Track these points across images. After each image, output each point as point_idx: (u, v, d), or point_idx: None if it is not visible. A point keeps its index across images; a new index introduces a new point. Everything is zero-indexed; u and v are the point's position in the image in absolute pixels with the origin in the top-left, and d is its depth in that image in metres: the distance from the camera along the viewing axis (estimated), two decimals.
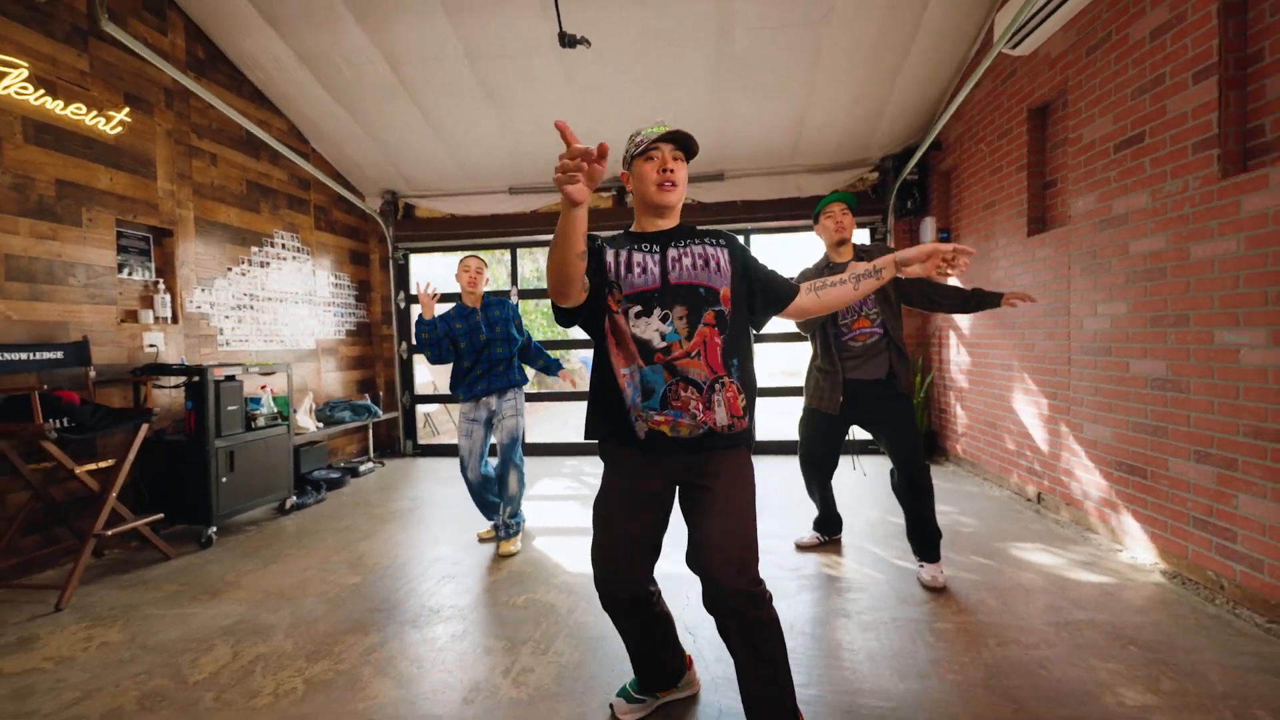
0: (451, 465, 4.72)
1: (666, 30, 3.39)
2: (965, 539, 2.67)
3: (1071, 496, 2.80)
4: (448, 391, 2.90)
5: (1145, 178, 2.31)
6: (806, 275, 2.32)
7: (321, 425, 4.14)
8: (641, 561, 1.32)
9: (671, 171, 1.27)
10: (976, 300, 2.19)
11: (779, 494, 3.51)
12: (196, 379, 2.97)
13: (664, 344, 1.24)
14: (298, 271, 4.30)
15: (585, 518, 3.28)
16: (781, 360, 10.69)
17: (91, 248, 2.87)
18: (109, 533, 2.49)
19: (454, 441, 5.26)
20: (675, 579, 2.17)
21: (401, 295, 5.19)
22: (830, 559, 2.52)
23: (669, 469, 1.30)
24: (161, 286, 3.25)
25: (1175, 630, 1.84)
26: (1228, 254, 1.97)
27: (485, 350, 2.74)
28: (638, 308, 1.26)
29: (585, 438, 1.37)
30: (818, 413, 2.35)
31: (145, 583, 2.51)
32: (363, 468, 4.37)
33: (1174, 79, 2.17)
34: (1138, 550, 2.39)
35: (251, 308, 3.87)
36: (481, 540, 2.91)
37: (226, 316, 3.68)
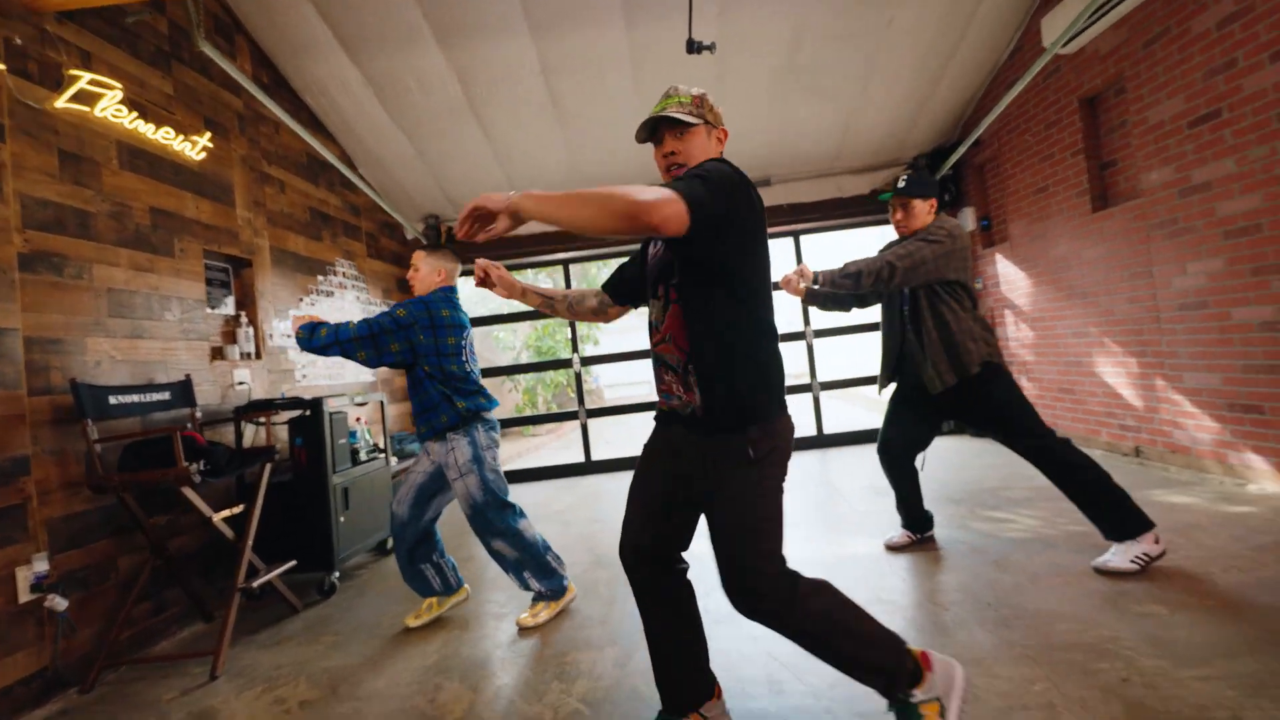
0: (522, 496, 4.56)
1: (740, 41, 3.58)
2: None
3: (1178, 444, 3.07)
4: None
5: (1227, 147, 2.65)
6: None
7: (397, 460, 3.92)
8: (647, 524, 1.31)
9: (675, 154, 1.26)
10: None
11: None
12: (308, 413, 2.78)
13: (653, 331, 1.30)
14: (357, 300, 4.12)
15: None
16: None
17: (184, 280, 2.67)
18: (255, 584, 2.26)
19: (513, 474, 5.07)
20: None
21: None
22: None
23: (676, 448, 1.28)
24: (244, 319, 3.04)
25: None
26: None
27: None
28: (656, 294, 1.30)
29: None
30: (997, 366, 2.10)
31: (290, 639, 2.29)
32: None
33: (1248, 60, 2.52)
34: (1265, 483, 2.64)
35: None
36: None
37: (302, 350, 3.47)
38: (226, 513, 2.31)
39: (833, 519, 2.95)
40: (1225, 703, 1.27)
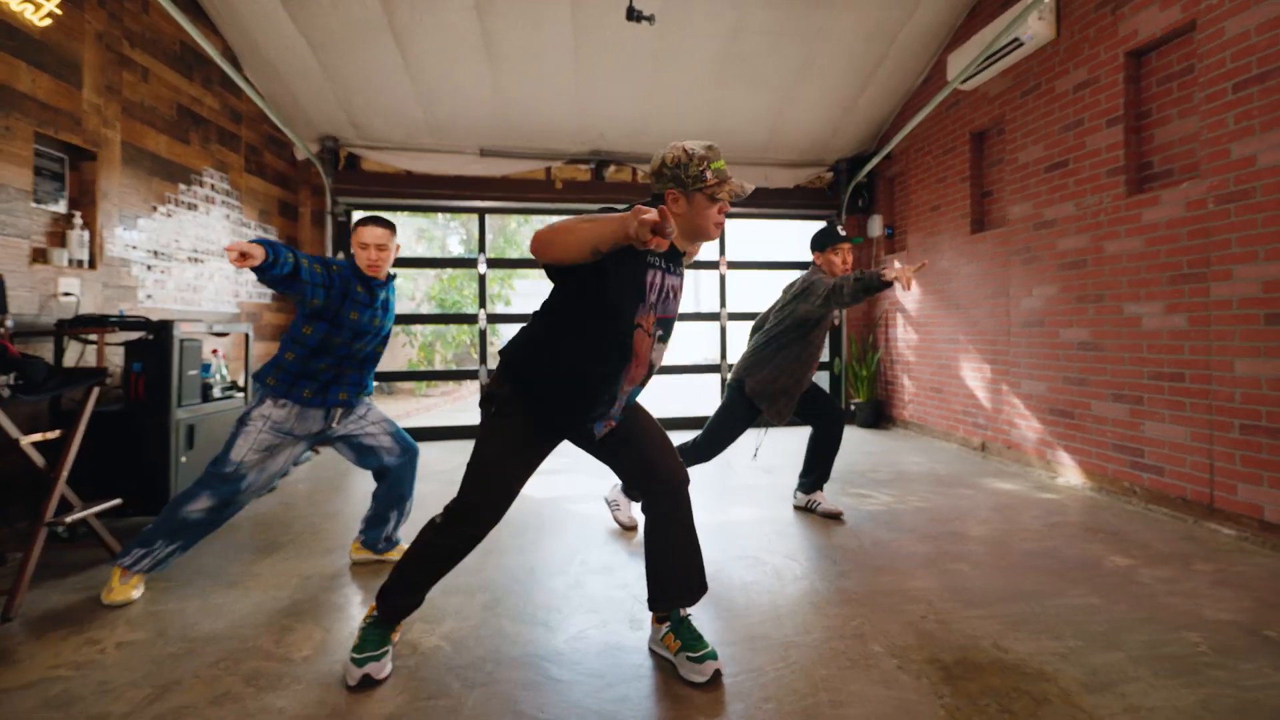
0: None
1: (683, 19, 3.66)
2: (943, 479, 3.32)
3: (1012, 441, 3.63)
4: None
5: (1070, 192, 3.15)
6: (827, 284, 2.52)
7: None
8: (507, 502, 1.49)
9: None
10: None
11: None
12: (151, 336, 2.51)
13: (630, 360, 1.39)
14: (227, 219, 3.73)
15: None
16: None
17: (7, 164, 2.29)
18: (67, 520, 2.02)
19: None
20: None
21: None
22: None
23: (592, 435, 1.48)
24: (78, 221, 2.66)
25: (1119, 523, 2.57)
26: (1133, 250, 2.80)
27: (364, 345, 2.00)
28: (660, 332, 1.42)
29: (525, 411, 1.41)
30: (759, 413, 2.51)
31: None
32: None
33: (1091, 122, 3.01)
34: (1070, 476, 3.21)
35: (174, 257, 3.29)
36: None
37: (149, 266, 3.10)
38: (38, 437, 2.03)
39: (722, 490, 3.18)
40: (991, 634, 1.58)
